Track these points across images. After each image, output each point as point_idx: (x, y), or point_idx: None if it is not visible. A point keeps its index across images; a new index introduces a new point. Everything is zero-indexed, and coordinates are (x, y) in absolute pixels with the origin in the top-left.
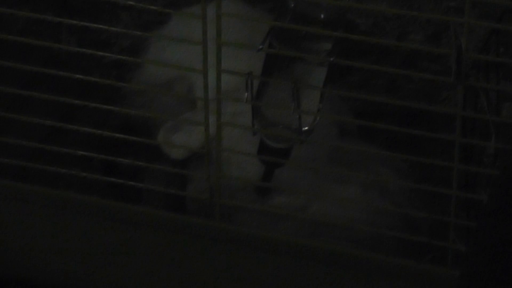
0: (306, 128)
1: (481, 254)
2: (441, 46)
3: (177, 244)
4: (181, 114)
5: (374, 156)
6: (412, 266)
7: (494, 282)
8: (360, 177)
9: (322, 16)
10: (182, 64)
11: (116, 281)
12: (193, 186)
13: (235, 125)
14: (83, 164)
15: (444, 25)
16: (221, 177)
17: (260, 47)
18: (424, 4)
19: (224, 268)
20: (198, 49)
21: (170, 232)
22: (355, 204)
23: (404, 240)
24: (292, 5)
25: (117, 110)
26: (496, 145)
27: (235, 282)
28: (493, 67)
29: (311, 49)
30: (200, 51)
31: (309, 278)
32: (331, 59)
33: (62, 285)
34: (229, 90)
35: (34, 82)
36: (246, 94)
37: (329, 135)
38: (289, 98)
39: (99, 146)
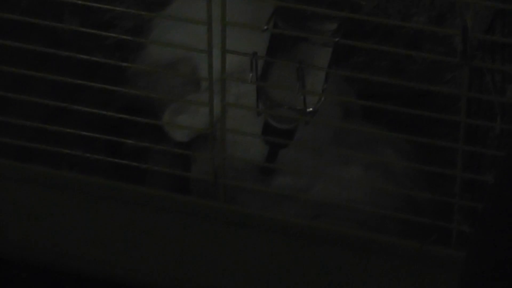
0: (311, 109)
1: (486, 235)
2: (445, 28)
3: (181, 225)
4: (185, 96)
5: (378, 137)
6: (416, 248)
7: (499, 263)
8: (364, 158)
9: None
10: (186, 45)
11: (117, 261)
12: (197, 167)
13: (240, 105)
14: (87, 145)
15: (448, 7)
16: (225, 158)
17: (265, 27)
18: None
19: (227, 249)
20: (202, 29)
21: (174, 213)
22: (359, 185)
23: (408, 221)
24: None
25: (121, 91)
26: (502, 126)
27: (239, 263)
28: (498, 48)
29: (316, 29)
30: (204, 31)
31: (312, 259)
32: (336, 39)
33: (62, 265)
34: (233, 71)
35: (37, 63)
36: (250, 74)
37: (333, 116)
38: (293, 79)
39: (103, 127)
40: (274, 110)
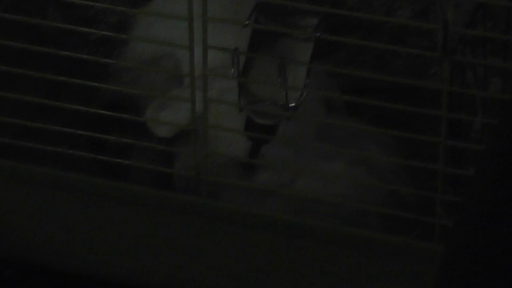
0: (293, 104)
1: (467, 229)
2: (428, 22)
3: (164, 221)
4: (168, 91)
5: (361, 132)
6: (399, 242)
7: (479, 256)
8: (347, 153)
9: None
10: (168, 41)
11: (100, 256)
12: (180, 163)
13: (222, 101)
14: (70, 141)
15: (432, 1)
16: (207, 154)
17: (246, 22)
18: None
19: (210, 244)
20: (184, 25)
21: (156, 209)
22: (342, 180)
23: (391, 216)
24: None
25: (104, 87)
26: (483, 120)
27: (222, 258)
28: (480, 42)
29: (297, 24)
30: (186, 27)
31: (295, 254)
32: (318, 34)
33: (43, 260)
34: (215, 66)
35: (20, 59)
36: (232, 70)
37: (316, 111)
38: (275, 74)
39: (86, 123)
40: (256, 106)
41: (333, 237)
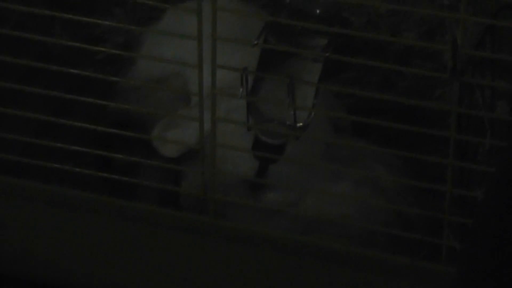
0: (301, 124)
1: (476, 251)
2: (435, 44)
3: (171, 239)
4: (175, 110)
5: (368, 152)
6: (406, 263)
7: (489, 279)
8: (354, 174)
9: (317, 11)
10: (176, 60)
11: (108, 276)
12: (187, 182)
13: (230, 120)
14: (76, 159)
15: (438, 23)
16: (215, 173)
17: (255, 42)
18: (417, 1)
19: (217, 264)
20: (193, 44)
21: (164, 227)
22: (349, 200)
23: (398, 236)
24: (288, 0)
25: (111, 106)
26: (491, 141)
27: (228, 278)
28: (488, 64)
29: (306, 44)
30: (195, 46)
31: (301, 274)
32: (326, 54)
33: (51, 279)
34: (224, 86)
35: (27, 77)
36: (241, 89)
37: (323, 132)
38: (284, 94)
39: (93, 142)
40: (264, 125)
41: (339, 257)
